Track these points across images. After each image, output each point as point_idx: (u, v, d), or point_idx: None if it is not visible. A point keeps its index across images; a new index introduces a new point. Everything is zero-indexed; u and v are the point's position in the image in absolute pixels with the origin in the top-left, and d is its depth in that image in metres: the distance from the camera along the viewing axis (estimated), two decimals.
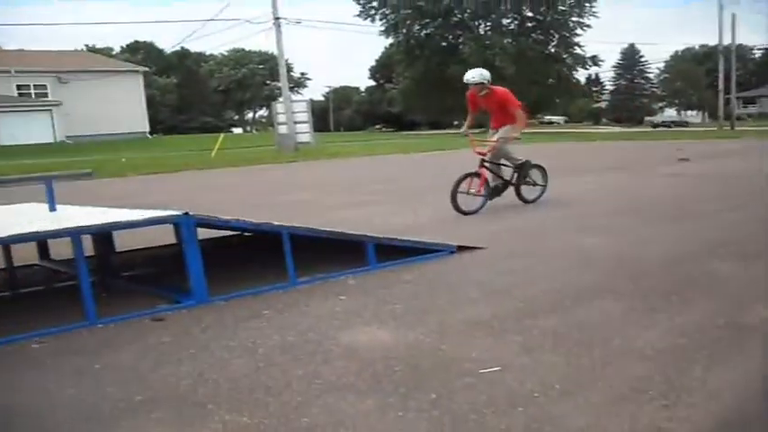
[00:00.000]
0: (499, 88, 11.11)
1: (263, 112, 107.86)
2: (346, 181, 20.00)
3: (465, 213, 10.47)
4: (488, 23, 69.59)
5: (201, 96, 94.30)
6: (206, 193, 17.83)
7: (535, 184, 11.78)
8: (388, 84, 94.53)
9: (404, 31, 69.94)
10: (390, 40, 72.94)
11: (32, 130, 52.89)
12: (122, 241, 8.13)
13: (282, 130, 39.33)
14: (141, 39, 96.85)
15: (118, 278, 7.17)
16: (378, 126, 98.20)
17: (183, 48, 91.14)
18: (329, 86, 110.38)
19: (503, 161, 11.38)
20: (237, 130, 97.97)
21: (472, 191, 10.69)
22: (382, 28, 70.47)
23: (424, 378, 4.12)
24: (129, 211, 6.50)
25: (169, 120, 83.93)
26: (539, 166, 11.84)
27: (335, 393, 3.95)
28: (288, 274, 6.37)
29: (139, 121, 61.82)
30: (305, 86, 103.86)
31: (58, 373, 4.56)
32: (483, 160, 10.92)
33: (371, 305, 5.76)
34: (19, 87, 57.83)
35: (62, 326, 5.44)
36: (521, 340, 4.73)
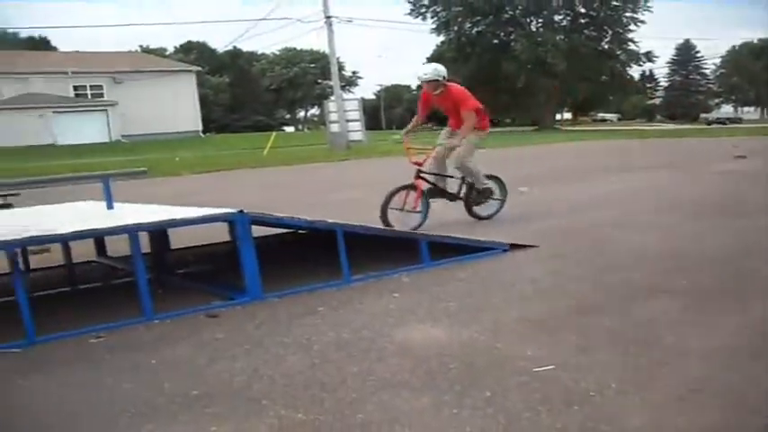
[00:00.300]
0: (455, 86, 9.83)
1: (314, 110, 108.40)
2: (398, 179, 19.97)
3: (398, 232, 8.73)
4: (540, 20, 69.05)
5: (253, 95, 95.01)
6: (259, 192, 17.98)
7: (489, 199, 10.13)
8: None
9: (455, 28, 69.68)
10: (441, 38, 72.73)
11: (89, 129, 53.82)
12: (176, 238, 8.22)
13: (334, 128, 39.47)
14: (194, 39, 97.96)
15: (173, 275, 7.26)
16: (428, 124, 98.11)
17: (235, 47, 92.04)
18: (380, 85, 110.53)
19: (451, 172, 9.98)
20: (289, 129, 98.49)
21: (407, 207, 9.25)
22: (433, 26, 70.28)
23: (479, 376, 4.11)
24: (184, 208, 6.59)
25: (222, 119, 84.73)
26: (495, 177, 10.25)
27: (390, 390, 3.95)
28: (342, 272, 6.39)
29: (192, 120, 62.52)
30: (356, 85, 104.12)
31: (115, 367, 4.63)
32: (419, 171, 9.55)
33: (425, 303, 5.75)
34: (75, 88, 58.86)
35: (119, 321, 5.52)
36: (575, 339, 4.69)
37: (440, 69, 9.56)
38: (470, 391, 3.87)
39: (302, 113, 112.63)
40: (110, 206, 7.29)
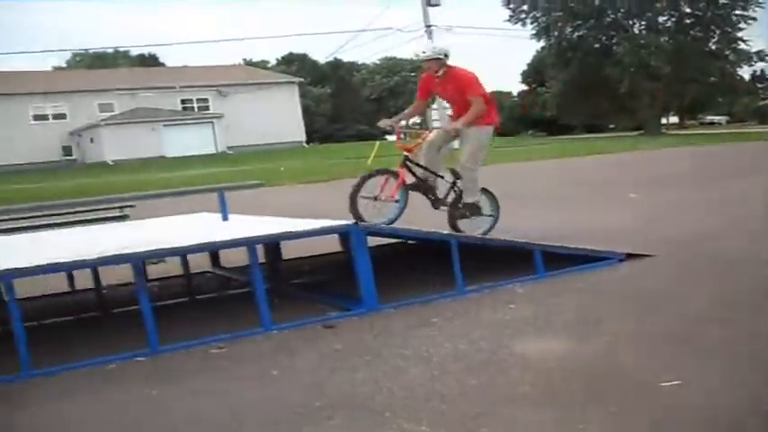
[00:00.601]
0: (460, 68, 8.10)
1: (415, 119, 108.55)
2: (508, 186, 19.82)
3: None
4: (643, 22, 67.57)
5: (355, 105, 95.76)
6: None
7: (477, 215, 8.23)
8: (541, 87, 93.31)
9: (555, 33, 68.70)
10: (542, 44, 71.88)
11: (196, 141, 55.17)
12: (285, 249, 8.31)
13: None
14: (295, 51, 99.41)
15: (287, 285, 7.36)
16: (530, 132, 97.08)
17: (335, 58, 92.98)
18: None
19: (443, 173, 8.20)
20: (392, 138, 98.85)
21: (383, 196, 7.52)
22: (533, 31, 69.40)
23: (602, 390, 4.02)
24: (297, 220, 6.68)
25: (324, 129, 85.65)
26: (486, 191, 8.52)
27: (512, 404, 3.91)
28: (456, 283, 6.37)
29: (296, 131, 63.43)
30: None
31: (238, 377, 4.72)
32: (407, 158, 7.87)
33: (542, 314, 5.68)
34: (183, 102, 60.53)
35: (238, 331, 5.63)
36: (701, 352, 4.55)
37: (441, 46, 8.04)
38: (594, 405, 3.80)
39: (403, 122, 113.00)
40: (225, 218, 7.46)
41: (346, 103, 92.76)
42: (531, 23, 69.05)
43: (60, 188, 30.30)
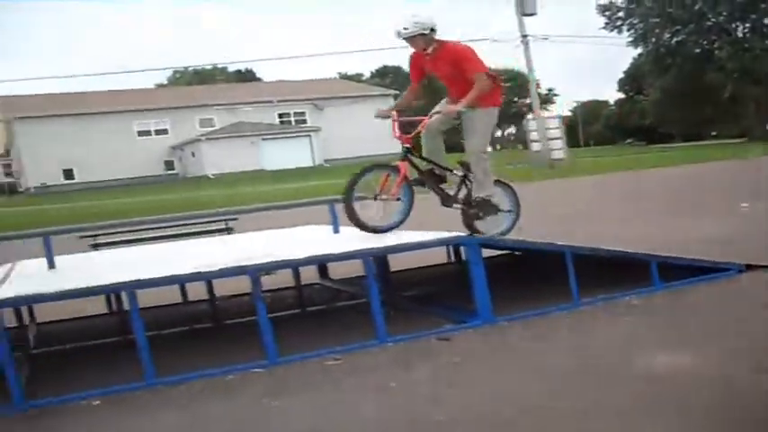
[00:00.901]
0: (451, 42, 7.02)
1: (510, 129, 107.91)
2: (615, 196, 19.52)
3: (370, 230, 6.70)
4: (747, 25, 65.63)
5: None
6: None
7: (493, 213, 7.16)
8: (639, 95, 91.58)
9: (653, 40, 67.34)
10: (639, 51, 70.58)
11: (294, 154, 55.97)
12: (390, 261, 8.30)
13: (536, 147, 39.05)
14: (389, 63, 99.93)
15: (398, 297, 7.35)
16: (628, 140, 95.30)
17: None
18: (577, 101, 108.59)
19: (455, 168, 7.25)
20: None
21: (384, 195, 6.75)
22: (630, 38, 68.22)
23: (740, 407, 3.87)
24: (411, 232, 6.65)
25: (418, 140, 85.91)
26: (502, 183, 7.47)
27: (640, 418, 3.80)
28: (570, 295, 6.25)
29: (391, 143, 63.50)
30: (552, 102, 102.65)
31: (355, 390, 4.72)
32: (408, 150, 6.93)
33: (661, 327, 5.53)
34: (280, 116, 61.51)
35: (353, 343, 5.64)
36: None
37: (422, 17, 6.78)
38: (734, 423, 3.66)
39: (498, 133, 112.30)
40: (336, 230, 7.50)
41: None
42: (628, 30, 67.83)
43: (164, 202, 31.08)
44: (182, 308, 7.86)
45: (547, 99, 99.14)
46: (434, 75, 7.19)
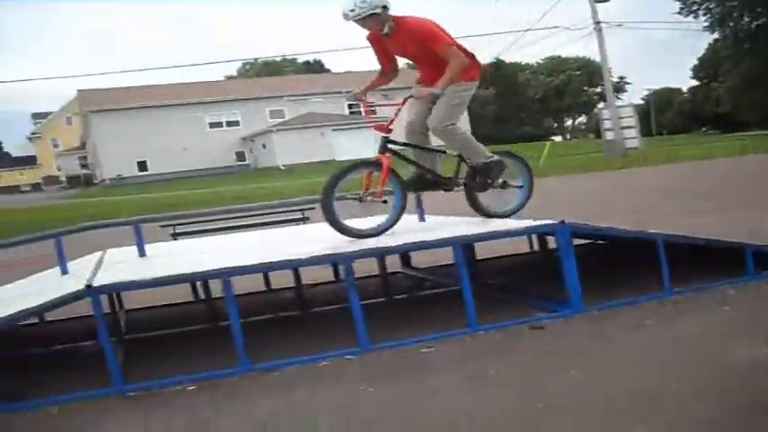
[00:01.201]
0: (410, 18, 6.25)
1: (581, 119, 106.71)
2: (693, 185, 19.13)
3: (355, 234, 6.13)
4: None
5: (520, 106, 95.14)
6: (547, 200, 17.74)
7: (504, 186, 6.76)
8: (714, 82, 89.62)
9: (731, 24, 65.68)
10: (715, 36, 69.00)
11: (363, 145, 56.10)
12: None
13: (609, 136, 38.51)
14: None
15: (484, 286, 7.30)
16: (704, 129, 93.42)
17: (497, 59, 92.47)
18: (649, 89, 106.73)
19: (439, 147, 6.81)
20: (557, 139, 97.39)
21: (369, 198, 6.19)
22: (706, 23, 66.65)
23: None
24: (500, 220, 6.61)
25: (489, 131, 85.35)
26: (511, 155, 6.99)
27: (745, 410, 3.70)
28: (661, 284, 6.13)
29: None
30: (624, 91, 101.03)
31: (453, 378, 4.70)
32: (386, 140, 6.35)
33: (762, 318, 5.38)
34: (350, 106, 61.71)
35: (444, 331, 5.62)
36: None
37: None
38: None
39: (569, 122, 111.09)
40: (422, 219, 7.49)
41: (511, 105, 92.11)
42: (704, 15, 66.16)
43: (237, 192, 31.51)
44: (266, 296, 7.94)
45: (619, 87, 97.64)
46: (399, 54, 6.64)
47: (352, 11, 5.95)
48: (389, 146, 6.30)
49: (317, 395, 4.62)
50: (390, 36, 6.22)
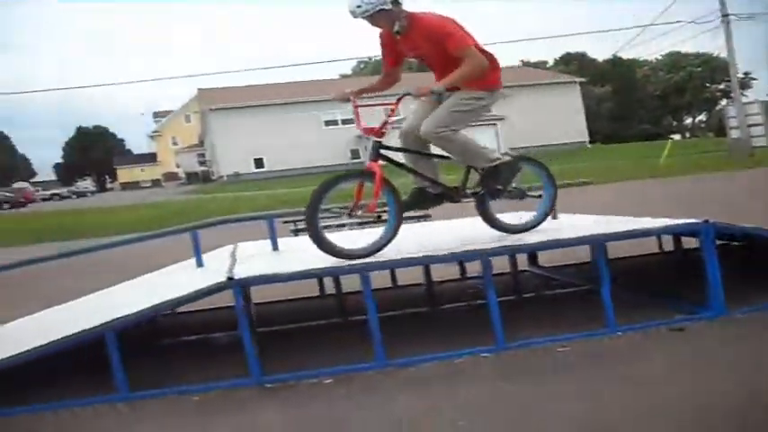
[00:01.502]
0: (425, 14, 5.65)
1: (701, 116, 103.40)
2: None
3: (344, 255, 5.54)
4: None
5: (638, 103, 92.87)
6: (664, 202, 17.29)
7: (522, 196, 6.14)
8: None
9: None
10: None
11: (480, 143, 55.93)
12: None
13: (735, 134, 37.10)
14: (572, 50, 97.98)
15: (615, 286, 7.16)
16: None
17: (614, 56, 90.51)
18: None
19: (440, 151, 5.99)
20: (675, 137, 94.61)
21: (359, 212, 5.69)
22: None
23: None
24: (634, 219, 6.48)
25: (605, 129, 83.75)
26: (530, 161, 6.38)
27: None
28: None
29: (577, 131, 62.57)
30: (750, 87, 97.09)
31: (596, 379, 4.63)
32: (378, 145, 5.71)
33: None
34: None
35: (581, 331, 5.53)
36: None
37: None
38: None
39: (688, 120, 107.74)
40: (554, 217, 7.40)
41: (629, 102, 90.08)
42: None
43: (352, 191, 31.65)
44: (393, 291, 7.96)
45: (744, 83, 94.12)
46: (415, 59, 6.09)
47: (359, 7, 5.43)
48: (383, 152, 5.68)
49: (455, 392, 4.61)
50: (402, 35, 5.64)
